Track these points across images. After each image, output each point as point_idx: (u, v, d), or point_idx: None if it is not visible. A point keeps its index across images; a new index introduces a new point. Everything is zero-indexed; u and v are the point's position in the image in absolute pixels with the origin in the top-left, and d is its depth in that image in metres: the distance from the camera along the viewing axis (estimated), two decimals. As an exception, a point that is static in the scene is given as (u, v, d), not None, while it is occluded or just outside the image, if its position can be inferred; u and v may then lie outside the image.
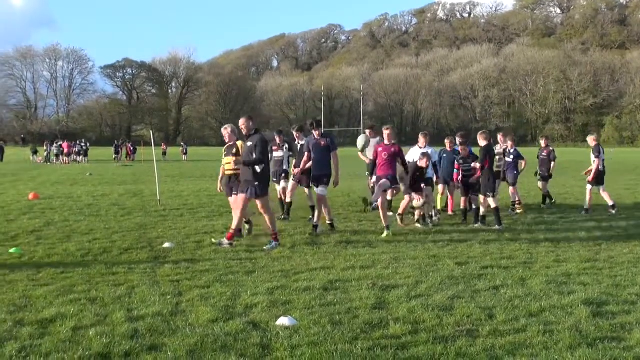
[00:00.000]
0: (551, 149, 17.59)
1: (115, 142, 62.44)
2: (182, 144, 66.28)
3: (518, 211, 15.65)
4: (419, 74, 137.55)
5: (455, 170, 14.34)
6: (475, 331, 6.02)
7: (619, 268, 8.98)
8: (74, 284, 7.92)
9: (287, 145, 14.22)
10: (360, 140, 14.60)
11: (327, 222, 12.54)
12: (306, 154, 12.65)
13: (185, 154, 57.21)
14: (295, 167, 13.66)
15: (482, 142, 13.32)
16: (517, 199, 16.00)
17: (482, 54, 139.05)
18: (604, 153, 15.99)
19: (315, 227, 12.22)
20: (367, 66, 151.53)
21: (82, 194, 20.23)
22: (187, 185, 24.41)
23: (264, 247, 10.50)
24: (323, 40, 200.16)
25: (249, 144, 10.69)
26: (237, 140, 11.57)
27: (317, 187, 12.39)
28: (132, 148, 57.84)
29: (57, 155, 50.88)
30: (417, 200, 13.05)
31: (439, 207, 14.84)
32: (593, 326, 6.16)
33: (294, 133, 14.16)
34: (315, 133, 12.48)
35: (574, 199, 18.61)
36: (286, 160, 14.29)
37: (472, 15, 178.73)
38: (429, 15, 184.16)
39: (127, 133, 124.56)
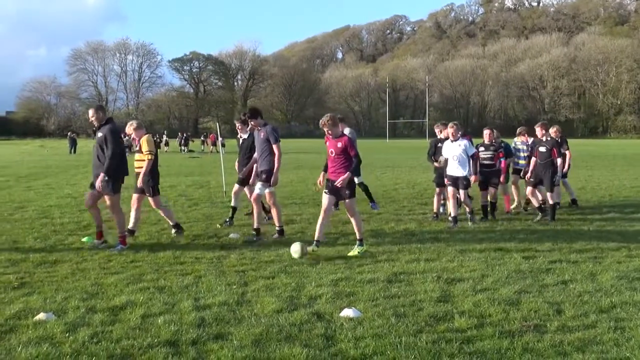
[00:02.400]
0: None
1: (180, 134, 63.83)
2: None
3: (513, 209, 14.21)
4: (486, 65, 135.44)
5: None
6: (542, 326, 5.91)
7: (695, 264, 8.67)
8: (143, 273, 8.11)
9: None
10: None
11: (277, 226, 10.82)
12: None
13: None
14: (239, 163, 12.30)
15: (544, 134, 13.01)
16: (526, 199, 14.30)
17: (551, 43, 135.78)
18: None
19: (257, 230, 10.62)
20: (432, 57, 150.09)
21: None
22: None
23: (112, 249, 9.62)
24: (388, 31, 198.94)
25: (99, 135, 9.74)
26: (145, 134, 10.75)
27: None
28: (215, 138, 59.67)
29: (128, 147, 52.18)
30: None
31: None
32: (667, 323, 5.97)
33: (237, 125, 12.37)
34: (252, 124, 11.01)
35: (648, 192, 18.03)
36: None
37: (540, 4, 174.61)
38: (496, 4, 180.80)
39: (194, 125, 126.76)
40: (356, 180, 9.52)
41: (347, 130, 13.52)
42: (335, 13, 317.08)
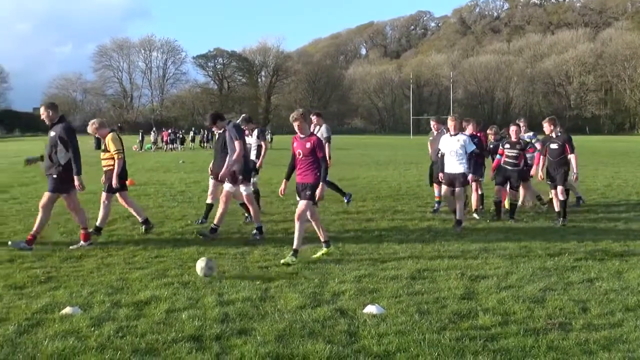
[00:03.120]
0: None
1: (203, 130, 64.04)
2: (268, 130, 66.67)
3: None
4: (511, 60, 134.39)
5: (498, 156, 12.59)
6: (568, 324, 5.86)
7: None
8: (168, 268, 8.17)
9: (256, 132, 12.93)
10: None
11: (214, 224, 10.60)
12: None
13: (270, 141, 57.59)
14: (213, 163, 11.75)
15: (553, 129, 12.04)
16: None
17: (577, 38, 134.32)
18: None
19: (259, 229, 10.56)
20: (456, 53, 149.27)
21: (174, 181, 20.79)
22: (275, 173, 24.69)
23: (71, 247, 9.51)
24: (412, 27, 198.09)
25: (52, 134, 9.55)
26: (110, 133, 10.71)
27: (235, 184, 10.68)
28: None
29: (154, 143, 52.44)
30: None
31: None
32: (695, 322, 5.88)
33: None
34: (215, 129, 10.98)
35: (676, 189, 17.77)
36: (254, 149, 12.88)
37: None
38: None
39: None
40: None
41: (323, 127, 13.44)
42: (359, 9, 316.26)
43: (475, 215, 12.51)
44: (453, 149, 11.46)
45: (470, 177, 11.43)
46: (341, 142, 62.06)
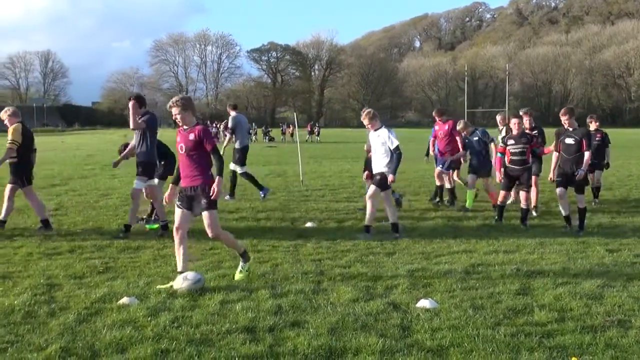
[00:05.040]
0: (604, 132, 13.80)
1: (264, 127, 64.84)
2: (317, 124, 66.77)
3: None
4: (569, 52, 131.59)
5: (500, 155, 11.41)
6: (627, 322, 5.72)
7: None
8: (222, 260, 8.27)
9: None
10: None
11: (161, 221, 10.37)
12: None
13: (317, 135, 57.76)
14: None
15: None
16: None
17: (638, 29, 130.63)
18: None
19: (127, 226, 10.14)
20: (513, 45, 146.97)
21: (227, 173, 20.93)
22: (329, 166, 24.74)
23: None
24: (467, 19, 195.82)
25: None
26: (17, 123, 10.24)
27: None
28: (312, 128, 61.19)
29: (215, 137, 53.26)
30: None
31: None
32: None
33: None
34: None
35: None
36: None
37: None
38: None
39: (271, 115, 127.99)
40: (239, 170, 7.87)
41: (232, 114, 13.43)
42: (413, 1, 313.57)
43: (533, 212, 12.25)
44: (374, 145, 10.30)
45: (390, 177, 9.83)
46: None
